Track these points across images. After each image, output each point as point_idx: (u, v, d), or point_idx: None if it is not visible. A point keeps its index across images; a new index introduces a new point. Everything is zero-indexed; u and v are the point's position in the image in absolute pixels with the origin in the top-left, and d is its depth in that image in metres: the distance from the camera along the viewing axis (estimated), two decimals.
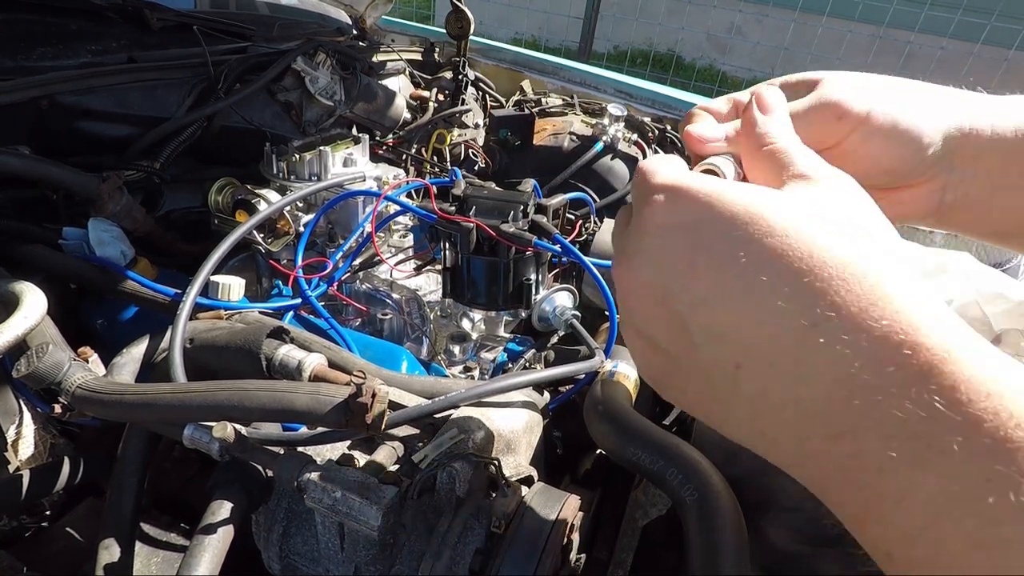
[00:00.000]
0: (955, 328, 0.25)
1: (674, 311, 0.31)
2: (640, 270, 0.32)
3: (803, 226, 0.28)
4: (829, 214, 0.28)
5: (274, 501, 0.60)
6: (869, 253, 0.27)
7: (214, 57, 1.19)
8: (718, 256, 0.29)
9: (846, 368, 0.25)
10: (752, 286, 0.27)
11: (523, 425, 0.66)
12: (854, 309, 0.25)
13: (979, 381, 0.23)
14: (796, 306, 0.26)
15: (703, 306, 0.29)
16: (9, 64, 0.99)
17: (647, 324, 0.33)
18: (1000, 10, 3.80)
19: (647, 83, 1.70)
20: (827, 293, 0.26)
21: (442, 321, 1.05)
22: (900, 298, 0.25)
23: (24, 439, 0.72)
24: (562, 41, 5.18)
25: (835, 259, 0.26)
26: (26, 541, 0.78)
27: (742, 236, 0.28)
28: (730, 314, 0.28)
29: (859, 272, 0.26)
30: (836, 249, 0.27)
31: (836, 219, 0.28)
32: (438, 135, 1.49)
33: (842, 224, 0.28)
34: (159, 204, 1.10)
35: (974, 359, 0.24)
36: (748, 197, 0.29)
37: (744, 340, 0.28)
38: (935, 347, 0.24)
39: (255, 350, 0.66)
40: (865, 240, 0.28)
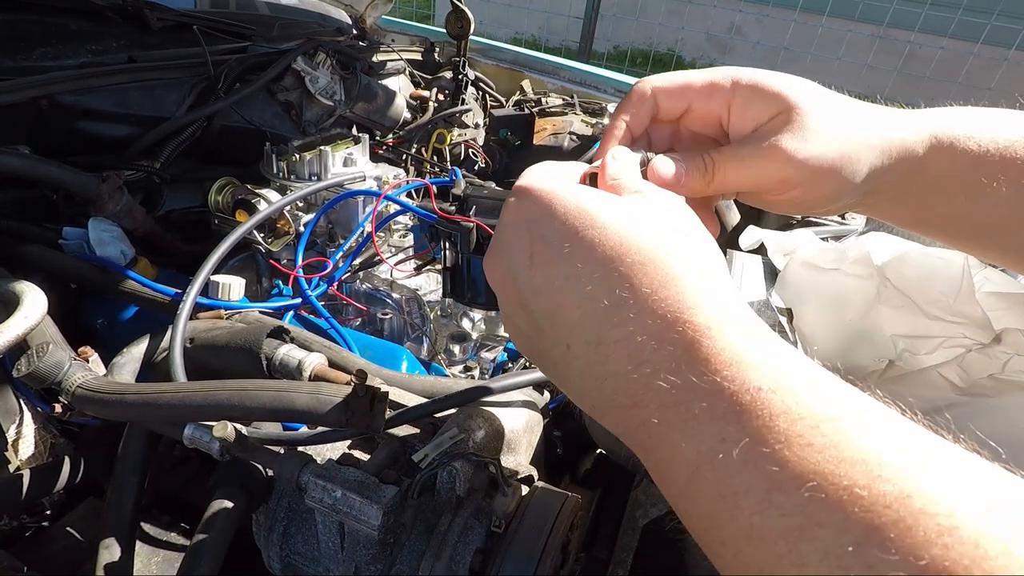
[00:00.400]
0: (726, 309, 0.29)
1: (522, 298, 0.34)
2: (495, 261, 0.37)
3: (620, 221, 0.32)
4: (647, 216, 0.33)
5: (274, 500, 0.60)
6: (671, 248, 0.31)
7: (214, 57, 1.19)
8: (550, 247, 0.33)
9: (636, 344, 0.28)
10: (573, 273, 0.31)
11: (523, 425, 0.66)
12: (646, 290, 0.29)
13: (728, 353, 0.27)
14: (603, 290, 0.30)
15: (539, 293, 0.33)
16: (9, 64, 0.99)
17: (508, 310, 0.37)
18: (1000, 10, 3.80)
19: None
20: (627, 278, 0.30)
21: (442, 321, 1.05)
22: (685, 283, 0.29)
23: (24, 439, 0.72)
24: (562, 41, 5.18)
25: (640, 250, 0.30)
26: (26, 541, 0.78)
27: (568, 228, 0.32)
28: (558, 298, 0.32)
29: (657, 260, 0.30)
30: (643, 241, 0.31)
31: (652, 220, 0.32)
32: (438, 135, 1.49)
33: (655, 224, 0.32)
34: (159, 204, 1.10)
35: (731, 335, 0.27)
36: (580, 196, 0.34)
37: (569, 322, 0.32)
38: (699, 325, 0.28)
39: (255, 350, 0.66)
40: (671, 237, 0.31)
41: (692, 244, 0.32)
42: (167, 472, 0.81)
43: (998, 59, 3.88)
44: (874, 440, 0.23)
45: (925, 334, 0.74)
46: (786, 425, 0.24)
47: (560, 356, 0.33)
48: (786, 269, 0.91)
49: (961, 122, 0.44)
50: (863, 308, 0.80)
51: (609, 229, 0.31)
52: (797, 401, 0.25)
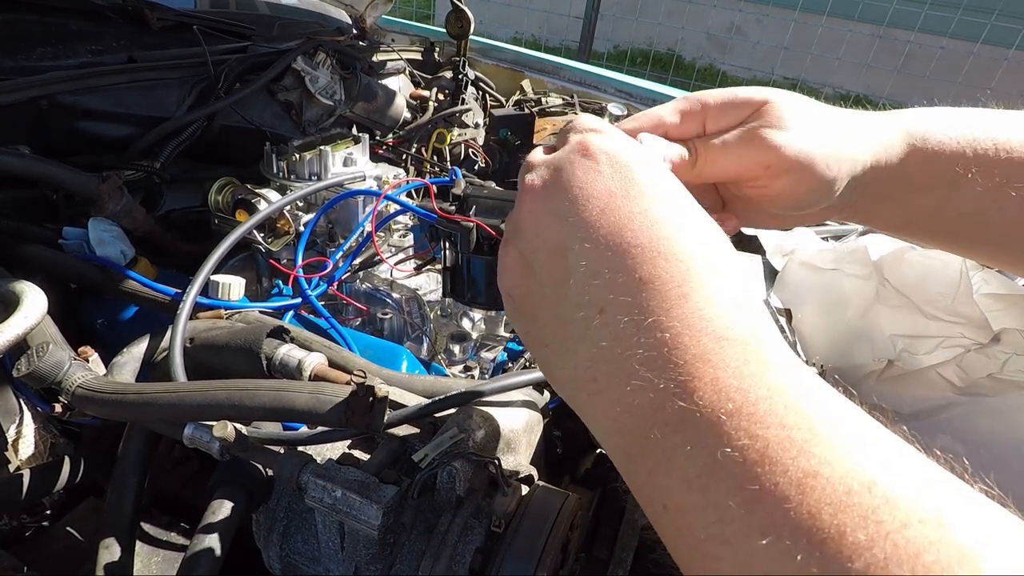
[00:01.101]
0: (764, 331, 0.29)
1: (562, 237, 0.33)
2: (551, 191, 0.35)
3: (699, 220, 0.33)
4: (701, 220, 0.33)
5: (274, 500, 0.60)
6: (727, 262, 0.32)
7: (214, 57, 1.19)
8: (629, 207, 0.32)
9: (695, 330, 0.28)
10: (656, 245, 0.30)
11: (523, 425, 0.66)
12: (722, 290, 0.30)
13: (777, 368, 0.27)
14: (681, 274, 0.30)
15: (595, 246, 0.31)
16: (9, 64, 0.99)
17: (531, 246, 0.35)
18: (1000, 10, 3.80)
19: (647, 83, 1.70)
20: (707, 272, 0.30)
21: (442, 320, 1.05)
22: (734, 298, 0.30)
23: (24, 439, 0.72)
24: (562, 41, 5.18)
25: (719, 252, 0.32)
26: (26, 541, 0.78)
27: (649, 200, 0.32)
28: (616, 261, 0.31)
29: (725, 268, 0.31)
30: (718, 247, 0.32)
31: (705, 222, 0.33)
32: (438, 135, 1.49)
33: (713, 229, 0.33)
34: (159, 204, 1.10)
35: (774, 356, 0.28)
36: (664, 172, 0.34)
37: (622, 287, 0.30)
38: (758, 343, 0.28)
39: (255, 349, 0.66)
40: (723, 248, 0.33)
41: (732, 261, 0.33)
42: (167, 472, 0.80)
43: (998, 59, 3.87)
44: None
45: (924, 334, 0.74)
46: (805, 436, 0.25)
47: (581, 319, 0.31)
48: (785, 269, 0.91)
49: (934, 121, 0.45)
50: (862, 308, 0.81)
51: (690, 222, 0.32)
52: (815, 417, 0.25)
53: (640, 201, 0.32)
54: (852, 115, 0.45)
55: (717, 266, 0.31)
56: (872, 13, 4.17)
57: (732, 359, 0.27)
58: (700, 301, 0.29)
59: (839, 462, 0.23)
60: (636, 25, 5.00)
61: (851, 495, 0.22)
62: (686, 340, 0.28)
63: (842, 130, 0.44)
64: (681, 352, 0.28)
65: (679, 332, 0.28)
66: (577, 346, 0.32)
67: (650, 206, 0.32)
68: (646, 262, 0.30)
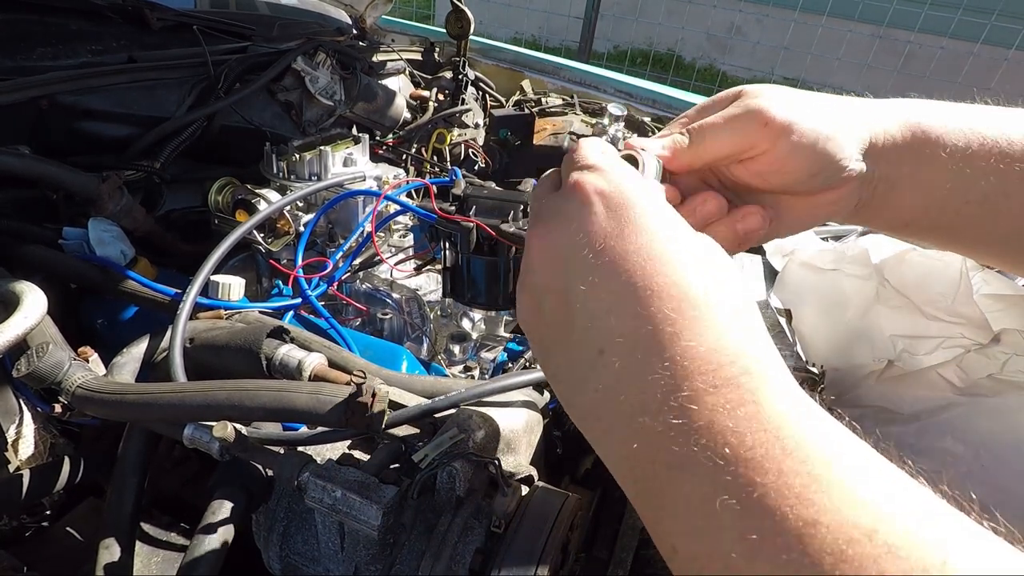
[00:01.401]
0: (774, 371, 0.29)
1: (566, 282, 0.33)
2: (553, 234, 0.35)
3: (697, 250, 0.32)
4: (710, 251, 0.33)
5: (274, 501, 0.60)
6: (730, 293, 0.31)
7: (214, 57, 1.19)
8: (626, 246, 0.32)
9: (684, 374, 0.28)
10: (646, 284, 0.30)
11: (523, 425, 0.66)
12: (716, 330, 0.29)
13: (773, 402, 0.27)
14: (671, 312, 0.29)
15: (595, 287, 0.32)
16: (9, 64, 0.99)
17: (541, 288, 0.35)
18: (1000, 10, 3.80)
19: (647, 83, 1.70)
20: (702, 308, 0.29)
21: (442, 321, 1.05)
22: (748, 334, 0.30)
23: (24, 439, 0.72)
24: (562, 41, 5.18)
25: (713, 290, 0.31)
26: (26, 541, 0.78)
27: (653, 237, 0.32)
28: (614, 302, 0.31)
29: (721, 303, 0.30)
30: (715, 279, 0.31)
31: (715, 255, 0.33)
32: (438, 135, 1.49)
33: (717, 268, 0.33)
34: (159, 204, 1.10)
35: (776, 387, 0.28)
36: (664, 207, 0.34)
37: (618, 331, 0.30)
38: (753, 371, 0.28)
39: (255, 350, 0.66)
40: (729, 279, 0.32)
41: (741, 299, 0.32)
42: (167, 472, 0.80)
43: (998, 59, 3.88)
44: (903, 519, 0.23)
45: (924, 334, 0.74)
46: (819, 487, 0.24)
47: (585, 359, 0.32)
48: (785, 269, 0.91)
49: (930, 107, 0.44)
50: (862, 308, 0.81)
51: (686, 255, 0.31)
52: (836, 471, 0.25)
53: (634, 239, 0.32)
54: (842, 99, 0.45)
55: (709, 288, 0.30)
56: (872, 13, 4.17)
57: (726, 400, 0.27)
58: (692, 338, 0.29)
59: (838, 509, 0.23)
60: (636, 25, 5.00)
61: (852, 544, 0.22)
62: (679, 382, 0.28)
63: (834, 105, 0.43)
64: (675, 394, 0.27)
65: (672, 374, 0.28)
66: (583, 386, 0.32)
67: (644, 243, 0.32)
68: (639, 302, 0.30)
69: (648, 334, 0.29)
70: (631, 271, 0.31)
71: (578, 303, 0.32)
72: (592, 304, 0.31)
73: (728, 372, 0.27)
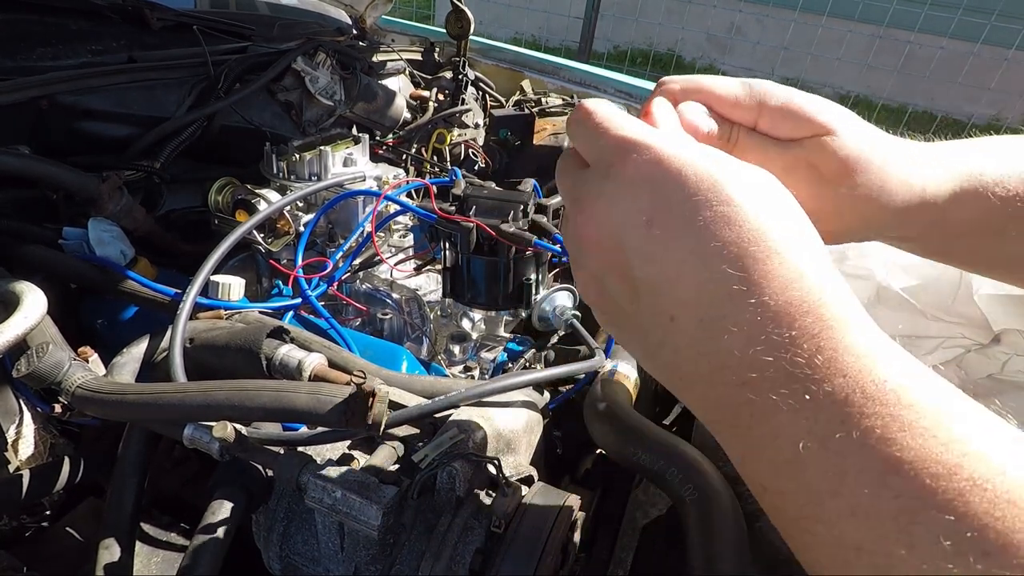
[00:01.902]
0: (851, 308, 0.29)
1: (625, 262, 0.33)
2: (600, 217, 0.34)
3: (752, 200, 0.31)
4: (770, 196, 0.32)
5: (274, 501, 0.60)
6: (794, 236, 0.31)
7: (214, 57, 1.19)
8: (676, 217, 0.31)
9: (760, 327, 0.29)
10: (701, 249, 0.30)
11: (523, 425, 0.66)
12: (778, 280, 0.29)
13: (856, 347, 0.28)
14: (731, 272, 0.30)
15: (652, 261, 0.32)
16: (9, 64, 0.99)
17: (600, 269, 0.36)
18: (1000, 10, 3.80)
19: (647, 83, 1.70)
20: (761, 263, 0.29)
21: (442, 321, 1.05)
22: (812, 275, 0.30)
23: (24, 439, 0.72)
24: (562, 41, 5.18)
25: (774, 237, 0.30)
26: (26, 541, 0.78)
27: (701, 200, 0.31)
28: (675, 271, 0.31)
29: (787, 250, 0.30)
30: (776, 227, 0.31)
31: (776, 201, 0.32)
32: (438, 135, 1.49)
33: (780, 207, 0.32)
34: (159, 204, 1.10)
35: (857, 331, 0.28)
36: (713, 165, 0.32)
37: (682, 297, 0.31)
38: (827, 317, 0.28)
39: (255, 350, 0.66)
40: (793, 222, 0.32)
41: (809, 231, 0.32)
42: (167, 472, 0.81)
43: (998, 59, 3.87)
44: (996, 442, 0.25)
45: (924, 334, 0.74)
46: (912, 417, 0.25)
47: (657, 327, 0.33)
48: None
49: (990, 163, 0.43)
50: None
51: (744, 209, 0.31)
52: (921, 397, 0.26)
53: (685, 207, 0.31)
54: (902, 146, 0.43)
55: (778, 228, 0.31)
56: (872, 13, 4.17)
57: (816, 345, 0.28)
58: (769, 290, 0.29)
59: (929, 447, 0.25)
60: (636, 25, 5.00)
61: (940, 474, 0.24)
62: (763, 333, 0.29)
63: (896, 161, 0.42)
64: (760, 344, 0.28)
65: (751, 329, 0.29)
66: (659, 350, 0.33)
67: (691, 218, 0.31)
68: (706, 265, 0.30)
69: (723, 294, 0.30)
70: (686, 244, 0.31)
71: (641, 278, 0.33)
72: (656, 276, 0.32)
73: (813, 317, 0.28)
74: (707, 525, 0.55)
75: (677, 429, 0.93)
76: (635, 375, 0.81)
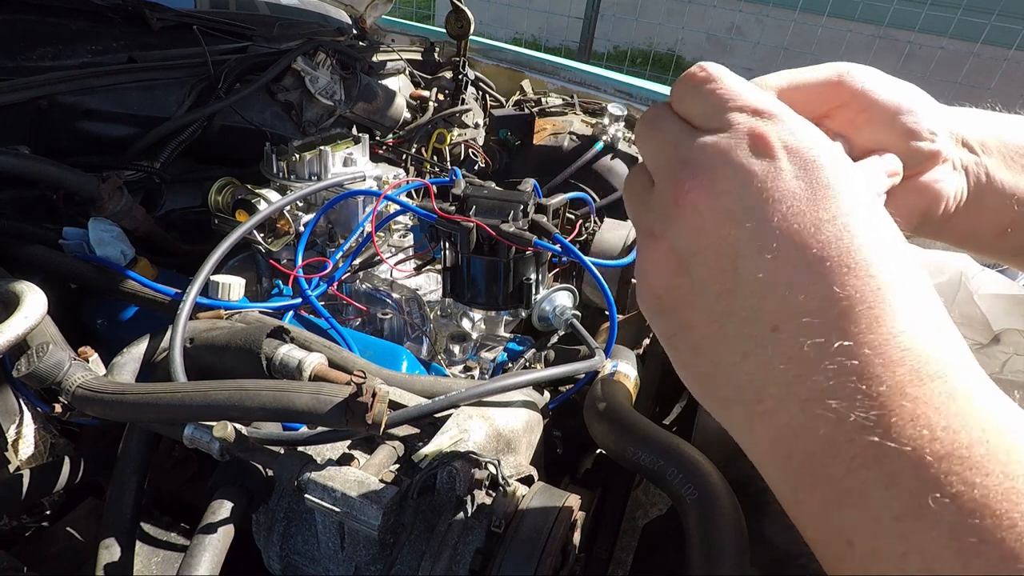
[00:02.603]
0: (977, 377, 0.26)
1: (733, 245, 0.29)
2: (719, 184, 0.29)
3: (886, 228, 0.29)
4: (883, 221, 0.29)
5: (274, 501, 0.60)
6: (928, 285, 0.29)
7: (214, 57, 1.19)
8: (816, 214, 0.28)
9: (887, 368, 0.26)
10: (845, 259, 0.27)
11: (523, 425, 0.66)
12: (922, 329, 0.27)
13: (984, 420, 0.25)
14: (872, 299, 0.27)
15: (772, 255, 0.28)
16: (9, 64, 0.99)
17: (691, 246, 0.30)
18: (1000, 10, 3.80)
19: (647, 83, 1.70)
20: (901, 304, 0.27)
21: (442, 321, 1.05)
22: (949, 334, 0.28)
23: (24, 439, 0.72)
24: (562, 41, 5.18)
25: (920, 282, 0.28)
26: (26, 541, 0.78)
27: (847, 205, 0.28)
28: (802, 276, 0.27)
29: (931, 299, 0.28)
30: (920, 277, 0.28)
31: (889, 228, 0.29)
32: (438, 135, 1.49)
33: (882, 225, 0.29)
34: (159, 204, 1.10)
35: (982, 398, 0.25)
36: (854, 171, 0.30)
37: (798, 308, 0.27)
38: (958, 386, 0.26)
39: (255, 350, 0.66)
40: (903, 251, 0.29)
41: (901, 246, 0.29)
42: (167, 472, 0.81)
43: (998, 59, 3.87)
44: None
45: None
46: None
47: (749, 335, 0.28)
48: None
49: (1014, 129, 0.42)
50: None
51: (885, 230, 0.28)
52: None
53: (828, 206, 0.28)
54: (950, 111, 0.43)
55: (911, 283, 0.28)
56: (872, 13, 4.17)
57: (934, 395, 0.25)
58: (894, 326, 0.26)
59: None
60: (636, 25, 5.00)
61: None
62: (879, 370, 0.25)
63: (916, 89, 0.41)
64: (874, 383, 0.25)
65: (870, 360, 0.25)
66: (742, 362, 0.29)
67: (838, 212, 0.28)
68: (834, 278, 0.27)
69: (842, 315, 0.26)
70: (825, 243, 0.27)
71: (749, 272, 0.28)
72: (770, 276, 0.28)
73: (935, 366, 0.26)
74: (707, 525, 0.55)
75: (677, 429, 0.93)
76: (635, 375, 0.81)
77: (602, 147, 1.39)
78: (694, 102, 0.32)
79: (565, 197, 1.00)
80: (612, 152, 1.40)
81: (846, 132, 0.40)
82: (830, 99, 0.40)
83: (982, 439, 0.24)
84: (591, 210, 1.19)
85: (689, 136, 0.31)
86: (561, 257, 1.02)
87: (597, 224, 1.20)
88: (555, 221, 0.95)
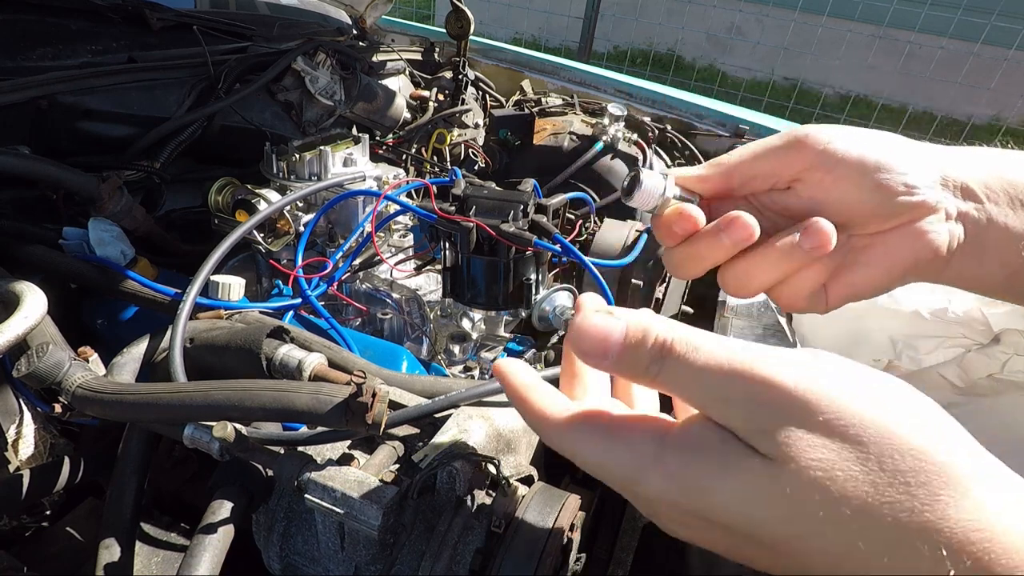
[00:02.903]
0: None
1: (826, 507, 0.29)
2: (810, 432, 0.30)
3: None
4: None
5: (274, 501, 0.60)
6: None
7: (214, 57, 1.19)
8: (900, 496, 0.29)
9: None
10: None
11: (523, 425, 0.66)
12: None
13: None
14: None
15: (865, 525, 0.29)
16: (9, 64, 0.99)
17: (752, 534, 0.31)
18: (1000, 10, 3.80)
19: (647, 83, 1.70)
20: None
21: (442, 321, 1.05)
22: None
23: (24, 439, 0.72)
24: (562, 41, 5.19)
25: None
26: (26, 541, 0.78)
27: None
28: (879, 534, 0.29)
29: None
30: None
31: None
32: (438, 135, 1.49)
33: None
34: (159, 204, 1.10)
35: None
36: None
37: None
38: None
39: (255, 350, 0.66)
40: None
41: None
42: (167, 472, 0.81)
43: (998, 59, 3.87)
44: None
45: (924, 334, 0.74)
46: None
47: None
48: None
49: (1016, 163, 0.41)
50: (862, 308, 0.81)
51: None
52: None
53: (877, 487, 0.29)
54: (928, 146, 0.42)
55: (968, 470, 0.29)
56: (872, 13, 4.17)
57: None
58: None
59: None
60: (636, 25, 5.00)
61: None
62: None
63: (894, 137, 0.41)
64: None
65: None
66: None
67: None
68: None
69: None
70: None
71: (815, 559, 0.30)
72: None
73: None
74: None
75: None
76: None
77: (602, 147, 1.39)
78: (739, 410, 0.32)
79: (565, 197, 1.00)
80: (612, 152, 1.40)
81: (816, 195, 0.40)
82: (795, 163, 0.40)
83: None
84: (591, 210, 1.19)
85: (732, 445, 0.32)
86: (561, 257, 1.02)
87: (597, 224, 1.20)
88: (555, 221, 0.95)
